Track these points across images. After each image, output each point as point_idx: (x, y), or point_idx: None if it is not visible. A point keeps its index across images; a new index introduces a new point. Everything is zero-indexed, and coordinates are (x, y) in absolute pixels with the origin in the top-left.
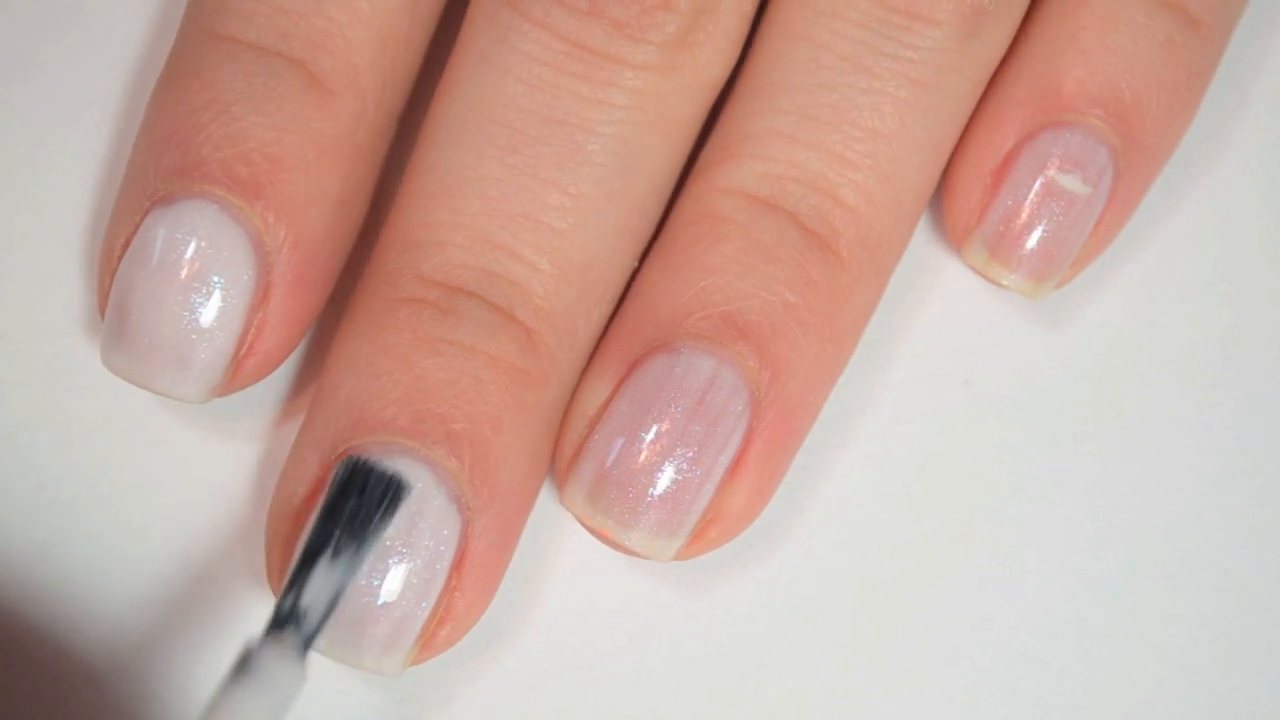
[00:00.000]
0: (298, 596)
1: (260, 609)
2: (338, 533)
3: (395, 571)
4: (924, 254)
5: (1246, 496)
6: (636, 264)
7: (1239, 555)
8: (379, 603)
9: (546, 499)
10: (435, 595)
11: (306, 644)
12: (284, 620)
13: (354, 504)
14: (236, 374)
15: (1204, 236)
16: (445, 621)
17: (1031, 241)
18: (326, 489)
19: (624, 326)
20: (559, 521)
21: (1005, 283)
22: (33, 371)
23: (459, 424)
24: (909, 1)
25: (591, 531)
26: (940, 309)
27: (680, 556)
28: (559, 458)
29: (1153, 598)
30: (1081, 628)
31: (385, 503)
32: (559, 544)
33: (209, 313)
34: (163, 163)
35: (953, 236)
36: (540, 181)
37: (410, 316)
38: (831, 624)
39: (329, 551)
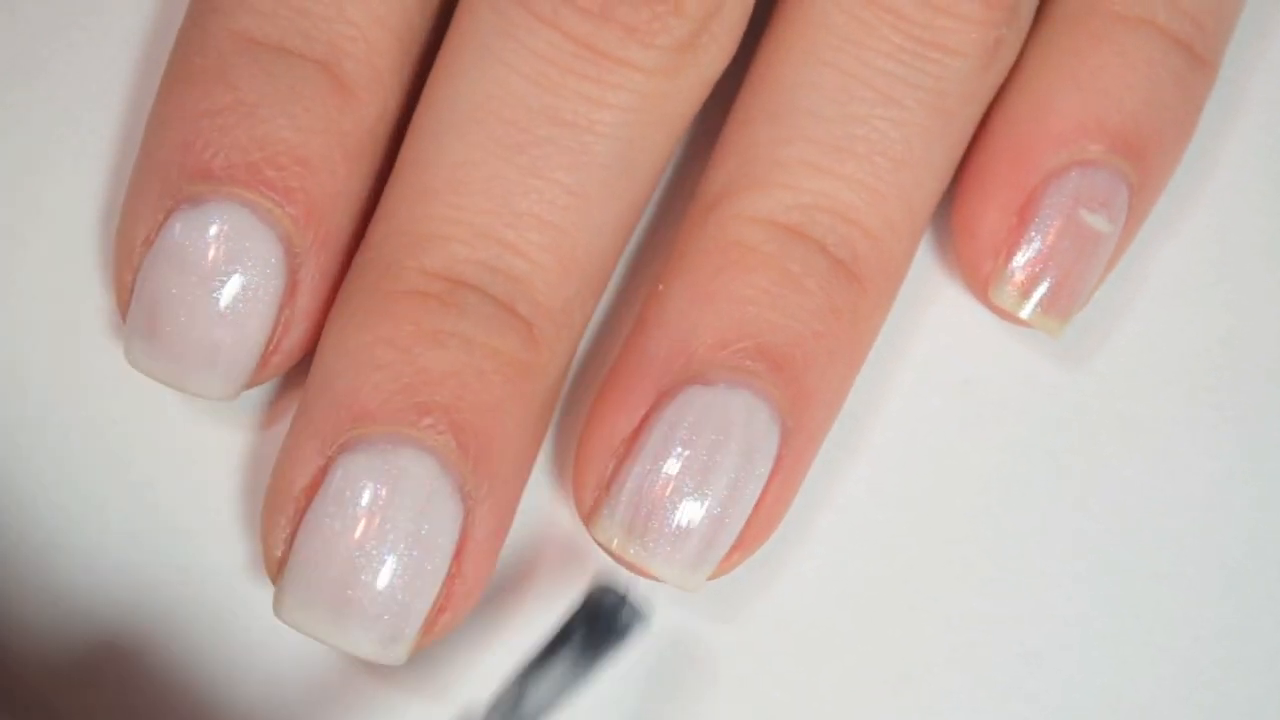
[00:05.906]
0: (520, 694)
1: (261, 604)
2: (575, 653)
3: (402, 561)
4: (922, 257)
5: (1248, 499)
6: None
7: (1240, 557)
8: (383, 591)
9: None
10: (439, 584)
11: None
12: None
13: (597, 630)
14: (262, 370)
15: (1204, 239)
16: (445, 609)
17: (1059, 280)
18: (580, 612)
19: (651, 356)
20: (552, 514)
21: (1031, 321)
22: (33, 371)
23: (463, 415)
24: (936, 33)
25: (618, 560)
26: (940, 310)
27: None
28: (581, 487)
29: (1154, 599)
30: (1082, 629)
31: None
32: (549, 537)
33: (242, 315)
34: (187, 163)
35: (974, 275)
36: (547, 181)
37: (413, 309)
38: (829, 625)
39: (558, 666)
